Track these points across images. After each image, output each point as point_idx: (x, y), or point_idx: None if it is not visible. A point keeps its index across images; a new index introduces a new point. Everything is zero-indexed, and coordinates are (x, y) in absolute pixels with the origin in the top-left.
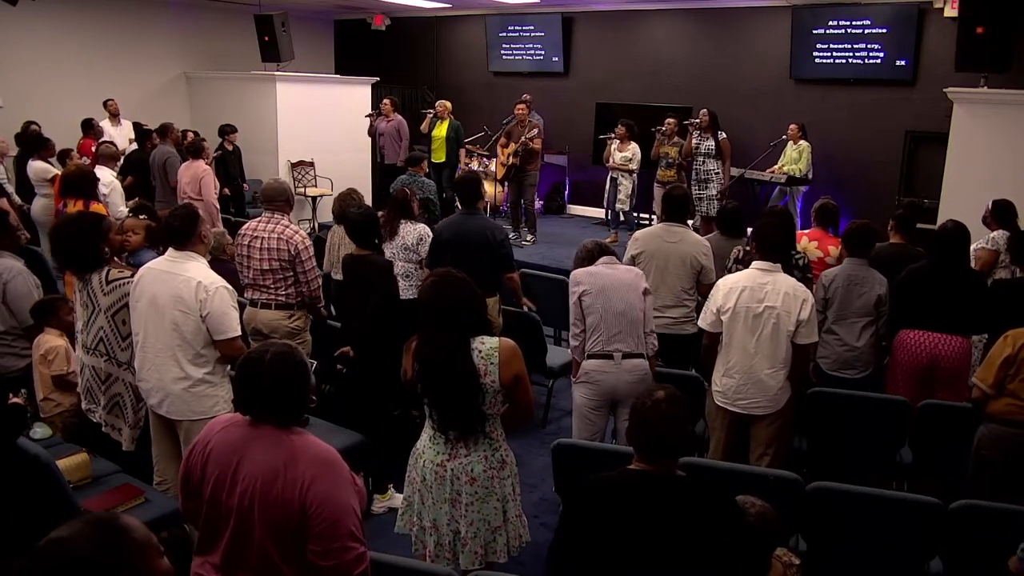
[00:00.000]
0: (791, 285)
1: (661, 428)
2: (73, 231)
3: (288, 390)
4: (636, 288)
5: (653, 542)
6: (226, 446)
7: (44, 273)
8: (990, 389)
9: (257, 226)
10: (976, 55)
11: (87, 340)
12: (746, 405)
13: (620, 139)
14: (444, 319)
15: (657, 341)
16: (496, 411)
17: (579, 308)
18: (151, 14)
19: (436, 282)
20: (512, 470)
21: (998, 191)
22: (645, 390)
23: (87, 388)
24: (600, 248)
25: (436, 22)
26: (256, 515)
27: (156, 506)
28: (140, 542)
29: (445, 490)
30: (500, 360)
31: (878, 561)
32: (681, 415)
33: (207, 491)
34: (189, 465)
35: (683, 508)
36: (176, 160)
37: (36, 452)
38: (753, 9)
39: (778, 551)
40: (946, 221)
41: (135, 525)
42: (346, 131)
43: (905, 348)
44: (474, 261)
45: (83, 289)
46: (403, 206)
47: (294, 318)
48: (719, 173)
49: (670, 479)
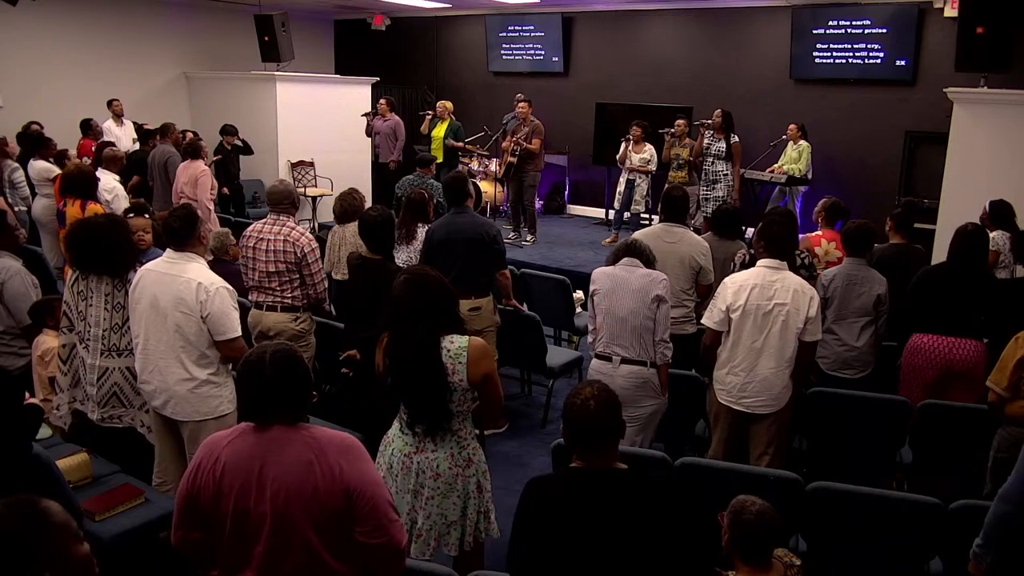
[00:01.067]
0: (799, 283)
1: (589, 426)
2: (109, 235)
3: (292, 384)
4: (645, 295)
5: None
6: (241, 456)
7: (43, 273)
8: (1005, 392)
9: (263, 228)
10: (976, 55)
11: (120, 343)
12: (750, 404)
13: (635, 140)
14: (415, 317)
15: (671, 351)
16: (466, 408)
17: (592, 307)
18: (151, 14)
19: (408, 280)
20: (479, 468)
21: (998, 191)
22: (573, 390)
23: (112, 393)
24: (628, 248)
25: (436, 22)
26: (296, 514)
27: (156, 506)
28: (59, 525)
29: (409, 481)
30: (469, 359)
31: (878, 561)
32: (608, 411)
33: (228, 506)
34: (196, 487)
35: (621, 501)
36: (177, 160)
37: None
38: (753, 9)
39: (778, 551)
40: (966, 223)
41: (55, 509)
42: (346, 131)
43: (920, 353)
44: (467, 260)
45: (119, 290)
46: (420, 209)
47: (300, 320)
48: (728, 175)
49: (607, 473)
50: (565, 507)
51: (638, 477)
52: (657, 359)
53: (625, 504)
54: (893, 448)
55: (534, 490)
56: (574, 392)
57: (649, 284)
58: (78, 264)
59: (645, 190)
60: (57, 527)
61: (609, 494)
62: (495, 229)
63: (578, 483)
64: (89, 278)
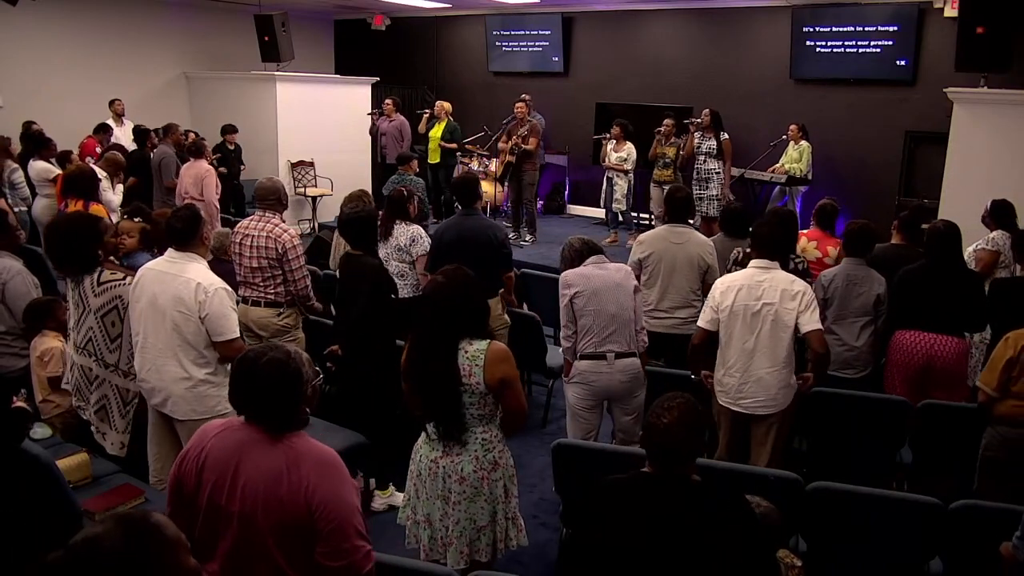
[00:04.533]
0: (788, 281)
1: (673, 440)
2: (68, 232)
3: (279, 398)
4: (627, 288)
5: (661, 544)
6: (223, 451)
7: (45, 273)
8: (994, 392)
9: (249, 224)
10: (976, 55)
11: (77, 339)
12: (748, 404)
13: (616, 139)
14: (441, 317)
15: (647, 337)
16: (488, 412)
17: (571, 310)
18: (151, 14)
19: (444, 282)
20: (506, 472)
21: (998, 191)
22: (660, 401)
23: (76, 386)
24: (588, 247)
25: (436, 22)
26: (260, 520)
27: (156, 506)
28: (171, 540)
29: (437, 486)
30: (486, 362)
31: (878, 561)
32: (694, 426)
33: (203, 498)
34: (182, 473)
35: (693, 511)
36: (171, 161)
37: (36, 452)
38: (753, 9)
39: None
40: (936, 221)
41: (166, 523)
42: (346, 131)
43: (901, 349)
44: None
45: (75, 289)
46: (399, 207)
47: (283, 316)
48: (719, 173)
49: (681, 482)
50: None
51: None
52: (640, 347)
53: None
54: (893, 448)
55: (602, 492)
56: (660, 405)
57: (626, 276)
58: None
59: (625, 188)
60: (170, 541)
61: (677, 502)
62: (504, 232)
63: (651, 489)
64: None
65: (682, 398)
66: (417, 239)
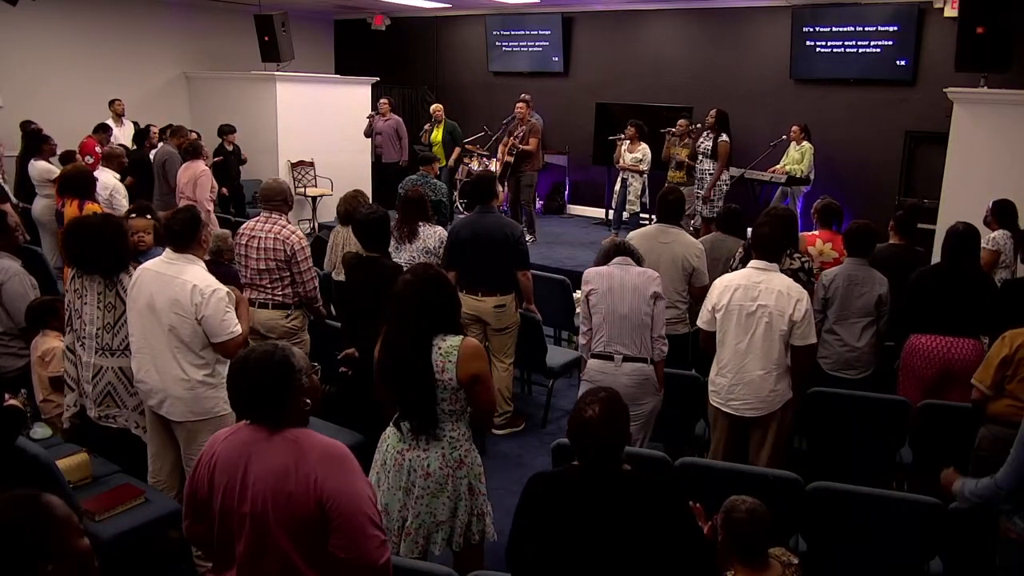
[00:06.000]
0: (786, 284)
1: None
2: (101, 234)
3: (270, 386)
4: (643, 292)
5: (592, 536)
6: (231, 453)
7: (43, 273)
8: (989, 390)
9: (255, 226)
10: (976, 55)
11: (112, 342)
12: (738, 407)
13: (630, 140)
14: (412, 314)
15: (667, 348)
16: (459, 408)
17: (587, 307)
18: (151, 14)
19: (413, 277)
20: (471, 471)
21: (998, 191)
22: (584, 395)
23: (107, 392)
24: (617, 248)
25: (436, 22)
26: (271, 517)
27: (156, 506)
28: (60, 518)
29: (401, 478)
30: (459, 358)
31: (878, 561)
32: (619, 418)
33: (217, 502)
34: (196, 480)
35: (622, 502)
36: (175, 160)
37: (36, 452)
38: (753, 9)
39: (777, 551)
40: (956, 223)
41: (56, 503)
42: (346, 131)
43: (917, 354)
44: (492, 259)
45: (110, 289)
46: (419, 207)
47: (291, 318)
48: (713, 174)
49: (610, 473)
50: (562, 504)
51: (636, 478)
52: (655, 356)
53: (620, 504)
54: (893, 448)
55: (534, 486)
56: (581, 401)
57: (647, 281)
58: (73, 262)
59: (639, 189)
60: (59, 520)
61: (605, 493)
62: (519, 230)
63: (576, 481)
64: (84, 277)
65: (606, 392)
66: (446, 241)
